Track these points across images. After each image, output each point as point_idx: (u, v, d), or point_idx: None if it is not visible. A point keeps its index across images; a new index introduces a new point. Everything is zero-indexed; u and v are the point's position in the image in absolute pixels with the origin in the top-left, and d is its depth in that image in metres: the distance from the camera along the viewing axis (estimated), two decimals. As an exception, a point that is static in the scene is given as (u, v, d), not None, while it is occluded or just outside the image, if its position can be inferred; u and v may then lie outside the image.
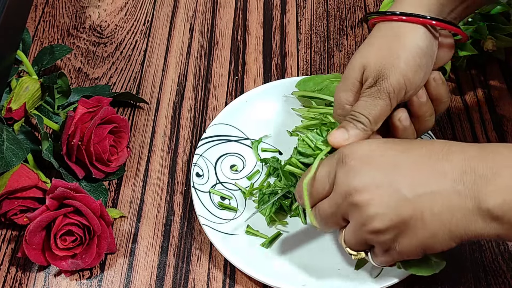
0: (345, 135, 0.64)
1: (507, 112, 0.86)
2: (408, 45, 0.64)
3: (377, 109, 0.64)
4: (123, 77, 0.91)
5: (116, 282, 0.71)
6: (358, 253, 0.61)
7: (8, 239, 0.75)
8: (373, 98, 0.64)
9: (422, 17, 0.64)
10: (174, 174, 0.80)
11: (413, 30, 0.65)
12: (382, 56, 0.64)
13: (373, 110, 0.64)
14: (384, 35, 0.66)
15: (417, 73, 0.64)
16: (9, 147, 0.73)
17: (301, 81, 0.82)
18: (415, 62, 0.64)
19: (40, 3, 1.02)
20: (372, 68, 0.64)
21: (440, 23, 0.65)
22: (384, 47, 0.65)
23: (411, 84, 0.64)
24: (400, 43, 0.64)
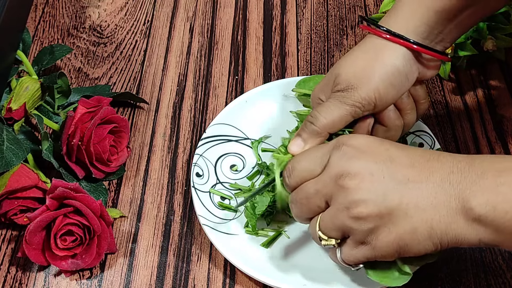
0: (301, 144, 0.67)
1: (507, 112, 0.86)
2: (385, 63, 0.66)
3: (338, 112, 0.66)
4: (123, 77, 0.91)
5: (116, 282, 0.71)
6: (329, 239, 0.60)
7: (8, 239, 0.75)
8: (338, 102, 0.66)
9: (405, 39, 0.66)
10: (174, 174, 0.80)
11: (393, 49, 0.66)
12: (358, 67, 0.66)
13: (332, 114, 0.66)
14: (364, 48, 0.68)
15: (389, 91, 0.66)
16: (9, 147, 0.73)
17: (301, 81, 0.82)
18: (388, 80, 0.66)
19: (40, 3, 1.02)
20: (345, 75, 0.66)
21: (420, 48, 0.66)
22: (362, 59, 0.67)
23: (381, 100, 0.66)
24: (378, 59, 0.66)
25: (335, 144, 0.60)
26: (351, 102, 0.66)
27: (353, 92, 0.65)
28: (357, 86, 0.65)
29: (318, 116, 0.66)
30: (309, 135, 0.67)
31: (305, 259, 0.71)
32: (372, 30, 0.68)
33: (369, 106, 0.66)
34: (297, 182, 0.62)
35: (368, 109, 0.66)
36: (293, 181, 0.62)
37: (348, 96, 0.66)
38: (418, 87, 0.70)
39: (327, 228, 0.59)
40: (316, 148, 0.63)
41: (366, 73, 0.66)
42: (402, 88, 0.67)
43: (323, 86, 0.70)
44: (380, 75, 0.66)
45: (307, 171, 0.61)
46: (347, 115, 0.66)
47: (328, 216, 0.59)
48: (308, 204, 0.61)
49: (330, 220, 0.59)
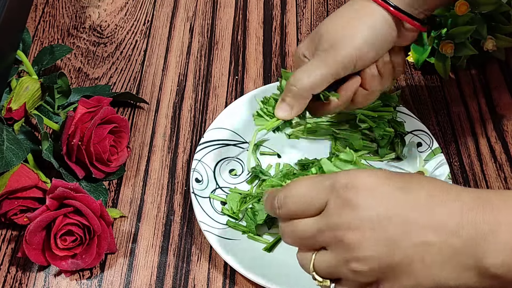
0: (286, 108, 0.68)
1: (507, 112, 0.86)
2: (367, 24, 0.67)
3: (320, 72, 0.67)
4: (123, 77, 0.91)
5: (116, 282, 0.71)
6: (324, 280, 0.55)
7: (8, 239, 0.75)
8: (321, 62, 0.67)
9: (385, 2, 0.67)
10: (174, 174, 0.80)
11: (375, 12, 0.68)
12: (341, 27, 0.68)
13: (315, 73, 0.67)
14: (349, 9, 0.69)
15: (369, 51, 0.68)
16: (9, 147, 0.73)
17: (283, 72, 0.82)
18: (370, 41, 0.67)
19: (40, 3, 1.02)
20: (329, 35, 0.67)
21: (398, 13, 0.67)
22: (345, 19, 0.68)
23: (361, 60, 0.67)
24: (361, 20, 0.67)
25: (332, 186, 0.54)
26: (333, 61, 0.66)
27: (335, 51, 0.66)
28: (339, 47, 0.66)
29: (300, 77, 0.67)
30: (293, 98, 0.67)
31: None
32: None
33: (349, 65, 0.67)
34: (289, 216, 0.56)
35: (348, 69, 0.67)
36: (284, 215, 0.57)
37: (330, 56, 0.66)
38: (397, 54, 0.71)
39: (322, 271, 0.55)
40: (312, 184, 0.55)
41: (348, 32, 0.67)
42: (381, 50, 0.69)
43: (308, 43, 0.70)
44: (362, 35, 0.67)
45: (300, 209, 0.55)
46: (328, 75, 0.67)
47: (324, 262, 0.54)
48: (302, 243, 0.56)
49: (327, 267, 0.54)
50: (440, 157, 0.77)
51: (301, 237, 0.55)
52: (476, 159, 0.80)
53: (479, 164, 0.80)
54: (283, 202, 0.56)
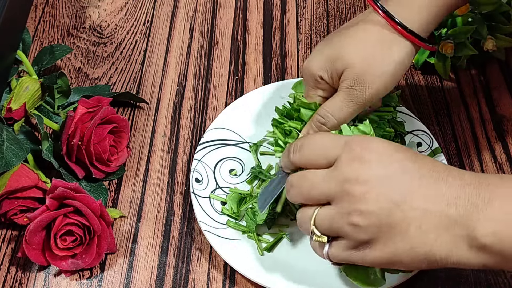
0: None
1: (507, 112, 0.86)
2: (396, 61, 0.66)
3: (349, 112, 0.67)
4: (123, 77, 0.91)
5: (116, 282, 0.71)
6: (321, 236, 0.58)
7: (8, 239, 0.75)
8: (349, 101, 0.66)
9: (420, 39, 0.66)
10: (174, 174, 0.80)
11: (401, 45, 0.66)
12: (369, 64, 0.66)
13: (344, 112, 0.66)
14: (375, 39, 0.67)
15: (393, 85, 0.67)
16: (9, 147, 0.73)
17: (297, 83, 0.82)
18: (396, 77, 0.67)
19: (40, 3, 1.02)
20: (355, 71, 0.66)
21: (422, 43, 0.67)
22: (372, 53, 0.66)
23: (385, 93, 0.67)
24: (388, 57, 0.66)
25: (347, 142, 0.58)
26: (362, 101, 0.66)
27: (364, 90, 0.65)
28: (369, 85, 0.65)
29: (330, 117, 0.66)
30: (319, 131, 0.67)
31: (307, 262, 0.70)
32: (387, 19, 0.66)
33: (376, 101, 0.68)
34: (301, 162, 0.60)
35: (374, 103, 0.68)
36: (298, 160, 0.60)
37: (359, 96, 0.65)
38: None
39: (323, 226, 0.58)
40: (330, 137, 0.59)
41: (377, 72, 0.65)
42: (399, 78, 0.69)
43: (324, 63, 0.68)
44: (391, 74, 0.66)
45: (314, 157, 0.59)
46: (355, 113, 0.67)
47: (326, 216, 0.57)
48: (308, 194, 0.58)
49: (328, 220, 0.57)
50: (440, 157, 0.77)
51: (309, 187, 0.58)
52: (476, 159, 0.80)
53: (479, 164, 0.80)
54: (300, 147, 0.60)
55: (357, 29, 0.68)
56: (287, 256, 0.71)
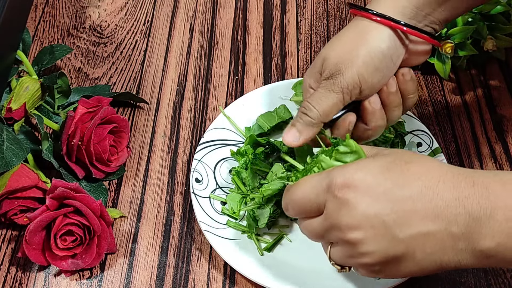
0: (296, 135, 0.66)
1: (507, 112, 0.86)
2: (370, 46, 0.65)
3: (328, 102, 0.65)
4: (123, 77, 0.91)
5: (116, 282, 0.71)
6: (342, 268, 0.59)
7: (8, 239, 0.75)
8: (327, 91, 0.65)
9: (393, 20, 0.65)
10: (174, 174, 0.80)
11: (379, 31, 0.65)
12: (343, 51, 0.65)
13: (324, 103, 0.65)
14: (351, 30, 0.67)
15: (374, 75, 0.65)
16: (9, 147, 0.73)
17: (297, 83, 0.82)
18: (373, 63, 0.64)
19: (40, 3, 1.02)
20: (331, 61, 0.65)
21: (410, 30, 0.65)
22: (346, 42, 0.66)
23: (366, 84, 0.65)
24: (363, 42, 0.65)
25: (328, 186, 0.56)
26: (338, 88, 0.65)
27: (339, 77, 0.64)
28: (342, 71, 0.64)
29: (310, 107, 0.66)
30: (303, 126, 0.66)
31: (306, 262, 0.70)
32: (361, 13, 0.66)
33: (355, 91, 0.65)
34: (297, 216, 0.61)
35: (354, 94, 0.65)
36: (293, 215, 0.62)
37: (335, 83, 0.65)
38: (409, 80, 0.67)
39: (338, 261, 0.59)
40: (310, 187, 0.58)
41: (350, 56, 0.64)
42: (388, 72, 0.66)
43: (312, 71, 0.69)
44: (364, 58, 0.64)
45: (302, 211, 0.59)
46: (337, 103, 0.65)
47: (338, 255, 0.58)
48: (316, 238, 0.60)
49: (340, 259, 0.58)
50: (440, 157, 0.77)
51: (313, 234, 0.60)
52: (476, 159, 0.80)
53: (479, 164, 0.80)
54: (287, 207, 0.61)
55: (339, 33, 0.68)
56: (287, 256, 0.71)
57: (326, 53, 0.67)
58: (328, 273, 0.69)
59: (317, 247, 0.71)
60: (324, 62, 0.66)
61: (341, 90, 0.65)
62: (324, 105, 0.65)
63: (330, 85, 0.65)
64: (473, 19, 0.83)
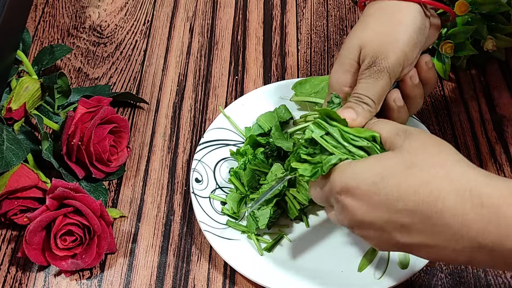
0: (353, 115, 0.64)
1: (507, 112, 0.86)
2: (406, 23, 0.65)
3: (379, 89, 0.65)
4: (123, 77, 0.91)
5: (116, 282, 0.71)
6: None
7: (8, 239, 0.75)
8: (374, 79, 0.65)
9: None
10: (174, 174, 0.80)
11: (408, 9, 0.66)
12: (380, 35, 0.65)
13: (376, 91, 0.65)
14: (379, 14, 0.67)
15: (414, 50, 0.66)
16: (9, 147, 0.73)
17: (297, 83, 0.82)
18: (412, 40, 0.65)
19: (40, 3, 1.02)
20: (370, 47, 0.65)
21: (433, 2, 0.66)
22: (380, 26, 0.66)
23: (408, 61, 0.66)
24: (398, 21, 0.66)
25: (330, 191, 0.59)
26: (385, 73, 0.64)
27: (383, 62, 0.64)
28: (385, 55, 0.64)
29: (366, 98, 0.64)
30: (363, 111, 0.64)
31: (307, 262, 0.70)
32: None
33: (398, 70, 0.65)
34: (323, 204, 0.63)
35: (398, 73, 0.66)
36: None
37: (381, 68, 0.64)
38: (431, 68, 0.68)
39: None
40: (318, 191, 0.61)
41: (390, 39, 0.65)
42: (421, 46, 0.67)
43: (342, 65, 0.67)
44: (405, 37, 0.65)
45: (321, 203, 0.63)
46: (386, 87, 0.65)
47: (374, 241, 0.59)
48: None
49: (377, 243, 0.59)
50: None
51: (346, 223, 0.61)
52: (476, 159, 0.80)
53: (479, 164, 0.80)
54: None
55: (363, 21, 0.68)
56: (287, 256, 0.71)
57: (361, 42, 0.66)
58: (328, 273, 0.69)
59: (317, 247, 0.72)
60: (362, 50, 0.66)
61: (388, 75, 0.65)
62: (376, 92, 0.65)
63: (375, 73, 0.65)
64: (473, 19, 0.83)
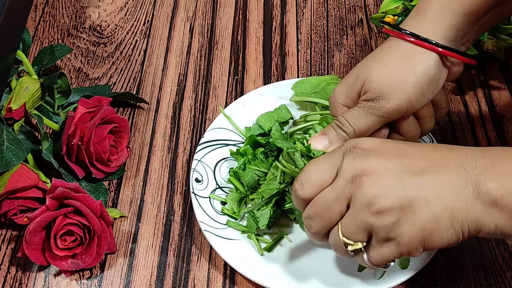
0: (325, 142, 0.65)
1: (507, 112, 0.86)
2: (418, 71, 0.65)
3: (368, 122, 0.65)
4: (123, 77, 0.91)
5: (116, 282, 0.71)
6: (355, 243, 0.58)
7: (8, 239, 0.75)
8: (367, 112, 0.65)
9: (430, 43, 0.64)
10: (174, 174, 0.80)
11: (424, 56, 0.65)
12: (388, 76, 0.65)
13: (362, 124, 0.65)
14: (393, 53, 0.66)
15: (421, 99, 0.65)
16: (9, 147, 0.73)
17: (297, 83, 0.82)
18: (421, 89, 0.65)
19: (40, 3, 1.02)
20: (374, 84, 0.65)
21: (446, 51, 0.65)
22: (391, 66, 0.65)
23: (412, 109, 0.65)
24: (410, 67, 0.65)
25: (345, 149, 0.59)
26: (381, 113, 0.64)
27: (385, 102, 0.64)
28: (389, 97, 0.64)
29: (347, 124, 0.65)
30: (336, 138, 0.65)
31: (307, 263, 0.70)
32: (397, 34, 0.66)
33: (398, 115, 0.65)
34: (312, 192, 0.60)
35: (397, 117, 0.66)
36: (308, 191, 0.60)
37: (379, 107, 0.64)
38: (442, 91, 0.68)
39: (350, 231, 0.58)
40: (326, 156, 0.61)
41: (398, 83, 0.64)
42: (431, 95, 0.66)
43: (345, 89, 0.68)
44: (413, 85, 0.64)
45: (321, 179, 0.59)
46: (376, 125, 0.65)
47: (349, 220, 0.58)
48: (329, 213, 0.59)
49: (352, 222, 0.58)
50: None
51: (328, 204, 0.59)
52: (476, 159, 0.80)
53: (479, 164, 0.80)
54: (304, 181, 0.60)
55: (378, 53, 0.67)
56: (287, 256, 0.71)
57: (367, 76, 0.66)
58: (332, 273, 0.69)
59: (317, 247, 0.72)
60: (365, 84, 0.65)
61: (384, 115, 0.65)
62: (361, 125, 0.65)
63: (371, 108, 0.65)
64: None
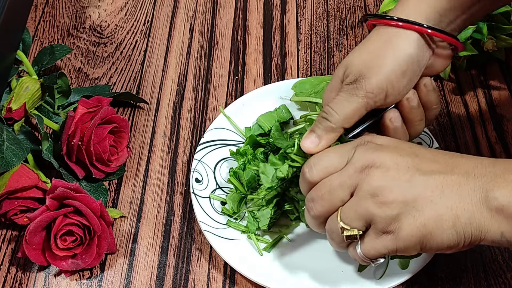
0: (315, 141, 0.64)
1: (507, 112, 0.86)
2: (398, 50, 0.64)
3: (352, 106, 0.64)
4: (123, 77, 0.91)
5: (116, 282, 0.71)
6: (352, 229, 0.58)
7: (8, 239, 0.75)
8: (349, 95, 0.64)
9: (418, 24, 0.64)
10: (174, 174, 0.80)
11: (406, 36, 0.64)
12: (368, 57, 0.65)
13: (346, 107, 0.64)
14: (378, 39, 0.66)
15: (401, 80, 0.64)
16: (9, 147, 0.73)
17: (297, 83, 0.82)
18: (400, 68, 0.64)
19: (40, 3, 1.02)
20: (355, 66, 0.65)
21: (435, 32, 0.65)
22: (373, 50, 0.65)
23: (393, 89, 0.64)
24: (390, 47, 0.64)
25: (360, 141, 0.61)
26: (362, 93, 0.63)
27: (364, 82, 0.63)
28: (368, 76, 0.63)
29: (331, 111, 0.64)
30: (323, 131, 0.64)
31: (307, 262, 0.70)
32: (382, 21, 0.66)
33: (380, 96, 0.63)
34: (319, 176, 0.60)
35: (380, 100, 0.64)
36: (316, 175, 0.60)
37: (359, 87, 0.63)
38: (431, 90, 0.67)
39: (349, 217, 0.58)
40: (339, 146, 0.63)
41: (376, 62, 0.64)
42: (414, 77, 0.65)
43: (332, 85, 0.67)
44: (392, 63, 0.63)
45: (331, 165, 0.60)
46: (360, 108, 0.64)
47: (350, 205, 0.58)
48: (331, 198, 0.59)
49: (353, 208, 0.58)
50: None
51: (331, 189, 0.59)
52: (476, 159, 0.80)
53: (479, 164, 0.80)
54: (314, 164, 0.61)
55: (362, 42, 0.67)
56: (287, 256, 0.71)
57: (349, 61, 0.65)
58: (332, 273, 0.69)
59: (317, 247, 0.72)
60: (347, 68, 0.65)
61: (365, 95, 0.63)
62: (346, 109, 0.64)
63: (353, 89, 0.64)
64: (473, 19, 0.83)
